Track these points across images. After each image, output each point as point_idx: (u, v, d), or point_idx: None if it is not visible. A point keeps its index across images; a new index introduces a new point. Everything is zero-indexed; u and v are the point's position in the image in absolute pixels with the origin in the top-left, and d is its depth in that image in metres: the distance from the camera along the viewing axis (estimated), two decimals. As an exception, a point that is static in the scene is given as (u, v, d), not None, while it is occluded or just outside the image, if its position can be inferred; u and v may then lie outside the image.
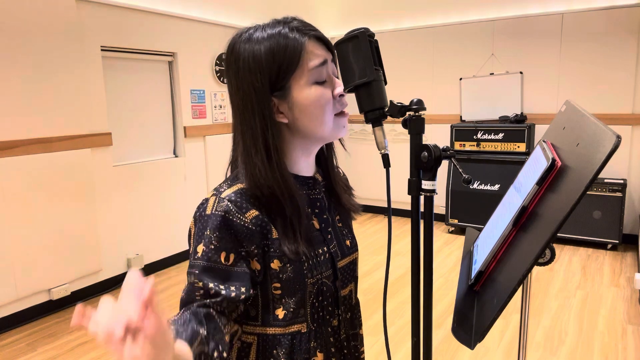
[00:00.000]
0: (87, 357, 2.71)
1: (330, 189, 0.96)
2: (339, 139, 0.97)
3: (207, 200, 0.83)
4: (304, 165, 0.90)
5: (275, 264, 0.83)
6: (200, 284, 0.78)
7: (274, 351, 0.86)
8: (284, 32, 0.81)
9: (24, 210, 3.07)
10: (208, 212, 0.81)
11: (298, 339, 0.86)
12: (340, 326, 0.93)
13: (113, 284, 3.69)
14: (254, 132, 0.82)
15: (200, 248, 0.80)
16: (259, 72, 0.80)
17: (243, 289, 0.79)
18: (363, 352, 1.03)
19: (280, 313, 0.85)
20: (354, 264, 0.98)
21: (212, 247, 0.79)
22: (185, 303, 0.79)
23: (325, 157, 0.97)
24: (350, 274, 0.97)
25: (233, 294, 0.78)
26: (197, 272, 0.79)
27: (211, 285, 0.77)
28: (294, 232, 0.83)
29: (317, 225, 0.91)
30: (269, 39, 0.80)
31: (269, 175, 0.81)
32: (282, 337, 0.86)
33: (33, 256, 3.13)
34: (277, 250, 0.82)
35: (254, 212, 0.81)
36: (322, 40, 0.84)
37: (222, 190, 0.83)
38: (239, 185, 0.84)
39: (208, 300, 0.77)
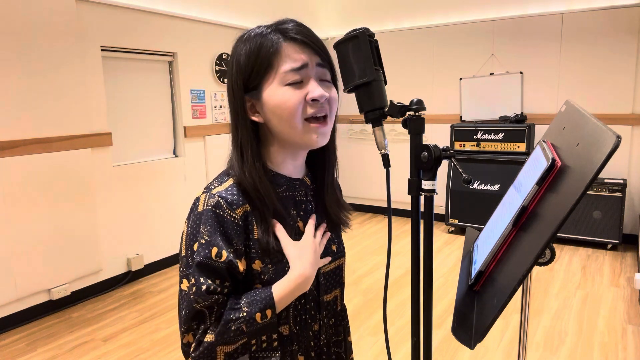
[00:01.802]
0: (87, 357, 2.71)
1: (320, 195, 0.95)
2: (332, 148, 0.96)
3: (198, 199, 0.84)
4: (290, 167, 0.91)
5: (257, 265, 0.83)
6: (193, 280, 0.79)
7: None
8: (265, 32, 0.82)
9: (24, 210, 3.07)
10: (200, 209, 0.82)
11: (280, 341, 0.87)
12: (320, 331, 0.93)
13: (113, 284, 3.69)
14: (232, 129, 0.87)
15: (196, 246, 0.80)
16: (237, 71, 0.84)
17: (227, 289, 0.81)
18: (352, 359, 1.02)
19: None
20: (339, 270, 0.97)
21: (204, 241, 0.80)
22: (191, 305, 0.79)
23: (322, 164, 0.95)
24: (336, 280, 0.96)
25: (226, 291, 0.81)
26: (193, 269, 0.80)
27: (209, 282, 0.79)
28: (266, 225, 0.84)
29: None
30: (251, 41, 0.83)
31: (240, 172, 0.84)
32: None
33: (33, 256, 3.13)
34: (258, 251, 0.83)
35: (244, 207, 0.83)
36: (305, 43, 0.82)
37: (213, 187, 0.84)
38: (230, 181, 0.85)
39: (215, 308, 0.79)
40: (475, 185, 4.62)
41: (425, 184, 0.78)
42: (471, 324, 0.82)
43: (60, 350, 2.80)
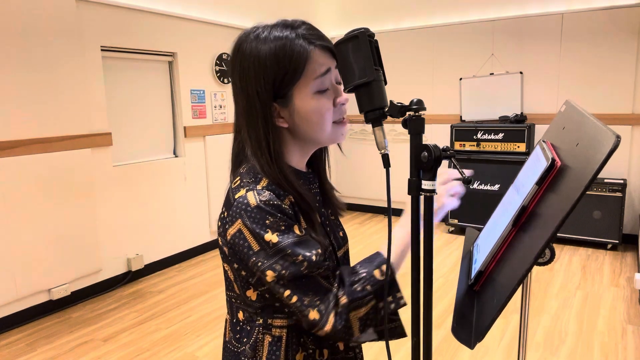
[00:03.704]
0: (87, 357, 2.71)
1: (322, 185, 1.00)
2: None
3: (244, 196, 0.81)
4: (302, 163, 0.94)
5: None
6: (300, 257, 0.78)
7: (301, 339, 0.88)
8: (290, 37, 0.81)
9: (24, 210, 3.07)
10: (254, 203, 0.80)
11: None
12: None
13: (113, 284, 3.69)
14: (257, 134, 0.85)
15: (273, 236, 0.79)
16: (263, 77, 0.81)
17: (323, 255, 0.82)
18: None
19: None
20: (347, 254, 1.03)
21: (284, 227, 0.79)
22: (305, 276, 0.79)
23: (319, 157, 1.00)
24: (346, 264, 1.01)
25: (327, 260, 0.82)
26: (289, 250, 0.78)
27: (308, 254, 0.79)
28: (312, 223, 0.86)
29: (318, 219, 0.93)
30: (275, 43, 0.81)
31: (275, 175, 0.84)
32: None
33: (33, 256, 3.13)
34: None
35: (290, 198, 0.84)
36: (328, 48, 0.85)
37: (254, 185, 0.84)
38: (266, 180, 0.85)
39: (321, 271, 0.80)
40: (475, 185, 4.62)
41: (425, 184, 0.78)
42: (471, 324, 0.82)
43: (60, 350, 2.80)
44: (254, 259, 0.80)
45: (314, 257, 0.79)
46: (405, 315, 0.82)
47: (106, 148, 3.56)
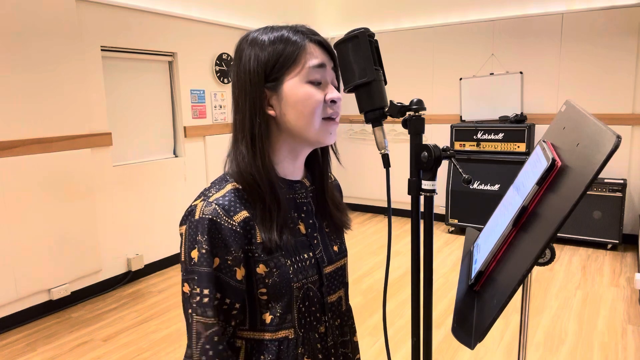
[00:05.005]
0: (87, 357, 2.71)
1: (320, 197, 0.96)
2: (332, 149, 0.97)
3: (195, 205, 0.83)
4: (290, 168, 0.90)
5: (261, 269, 0.83)
6: (198, 289, 0.80)
7: (262, 356, 0.85)
8: (287, 33, 0.83)
9: (24, 210, 3.07)
10: (196, 217, 0.81)
11: (285, 345, 0.86)
12: (327, 333, 0.92)
13: (113, 284, 3.69)
14: (243, 118, 0.84)
15: (195, 254, 0.80)
16: (257, 63, 0.83)
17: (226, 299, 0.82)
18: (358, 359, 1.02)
19: (267, 318, 0.85)
20: (342, 270, 0.97)
21: (204, 251, 0.80)
22: (187, 312, 0.81)
23: (320, 166, 0.96)
24: (339, 280, 0.96)
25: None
26: (196, 278, 0.80)
27: (212, 295, 0.80)
28: (270, 222, 0.83)
29: (303, 230, 0.90)
30: (273, 37, 0.83)
31: (250, 162, 0.83)
32: (269, 343, 0.85)
33: (33, 256, 3.13)
34: (262, 255, 0.82)
35: (243, 214, 0.82)
36: (324, 46, 0.85)
37: (210, 194, 0.84)
38: (229, 187, 0.84)
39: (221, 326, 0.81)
40: (475, 185, 4.62)
41: (425, 184, 0.78)
42: (471, 324, 0.82)
43: (60, 350, 2.80)
44: (181, 266, 0.84)
45: (206, 299, 0.80)
46: (405, 315, 0.82)
47: (106, 148, 3.56)
